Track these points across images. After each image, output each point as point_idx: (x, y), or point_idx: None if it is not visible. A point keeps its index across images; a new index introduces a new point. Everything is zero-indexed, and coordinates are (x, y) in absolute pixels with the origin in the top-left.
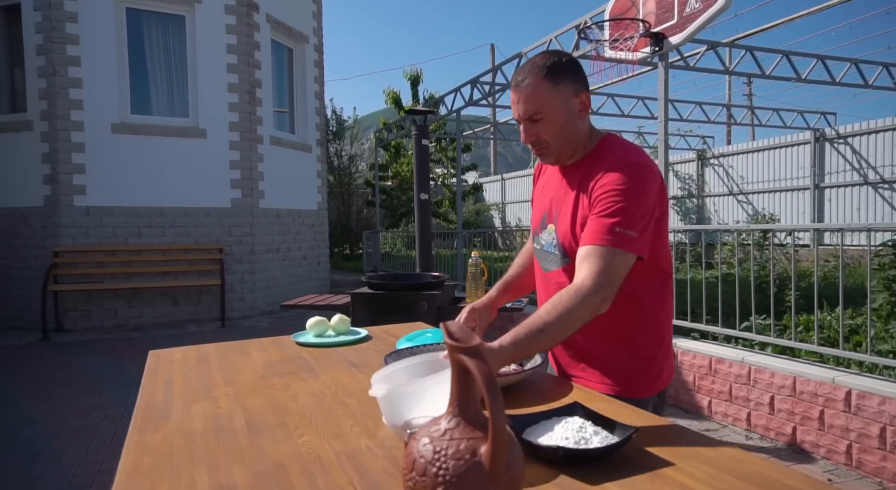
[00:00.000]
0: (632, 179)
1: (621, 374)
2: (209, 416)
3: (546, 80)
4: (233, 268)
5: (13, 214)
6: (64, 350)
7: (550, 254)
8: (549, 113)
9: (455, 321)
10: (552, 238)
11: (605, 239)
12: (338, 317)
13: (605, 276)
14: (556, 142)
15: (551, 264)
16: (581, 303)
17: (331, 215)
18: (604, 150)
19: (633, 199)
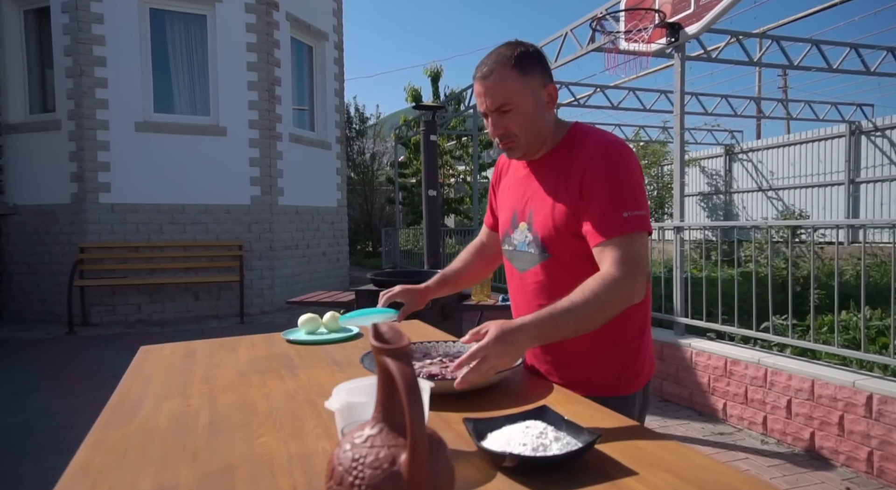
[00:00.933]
0: (620, 160)
1: (607, 372)
2: (176, 414)
3: (515, 70)
4: (252, 264)
5: (43, 211)
6: (87, 344)
7: (525, 253)
8: (519, 104)
9: (387, 322)
10: (525, 236)
11: (619, 228)
12: (329, 314)
13: (631, 264)
14: (526, 135)
15: (527, 264)
16: (609, 288)
17: (353, 212)
18: (577, 139)
19: (629, 179)
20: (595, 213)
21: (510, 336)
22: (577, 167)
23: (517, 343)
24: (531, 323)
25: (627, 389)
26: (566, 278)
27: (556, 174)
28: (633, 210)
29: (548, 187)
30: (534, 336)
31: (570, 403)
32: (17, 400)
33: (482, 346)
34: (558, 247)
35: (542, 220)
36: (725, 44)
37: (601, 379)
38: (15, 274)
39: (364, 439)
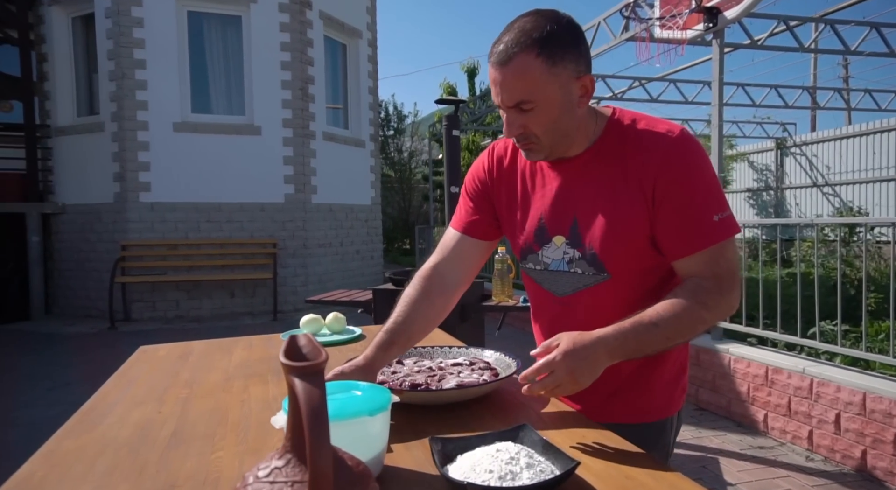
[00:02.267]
0: (697, 155)
1: (657, 393)
2: (142, 423)
3: (540, 59)
4: (286, 262)
5: (88, 210)
6: (126, 339)
7: (565, 273)
8: (542, 101)
9: (306, 335)
10: (565, 254)
11: (711, 237)
12: (332, 315)
13: (729, 275)
14: (550, 136)
15: (569, 286)
16: (706, 305)
17: (391, 210)
18: (629, 132)
19: (710, 177)
20: (680, 222)
21: (584, 351)
22: (643, 168)
23: (592, 359)
24: (612, 335)
25: (671, 410)
26: (630, 300)
27: (610, 177)
28: (722, 212)
29: (600, 193)
30: (613, 350)
31: (561, 419)
32: (54, 393)
33: (549, 361)
34: (621, 264)
35: (598, 233)
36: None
37: (650, 401)
38: (64, 271)
39: (268, 473)
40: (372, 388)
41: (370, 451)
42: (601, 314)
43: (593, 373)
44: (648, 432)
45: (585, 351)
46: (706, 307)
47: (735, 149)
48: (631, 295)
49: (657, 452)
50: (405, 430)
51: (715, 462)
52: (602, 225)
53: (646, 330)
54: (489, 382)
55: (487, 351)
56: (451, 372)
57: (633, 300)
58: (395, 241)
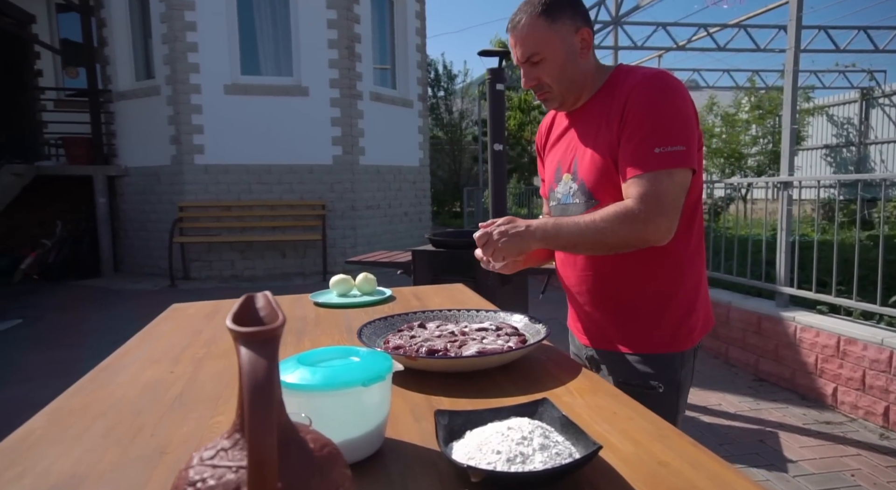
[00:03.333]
0: (662, 90)
1: (663, 327)
2: (152, 382)
3: (542, 18)
4: (334, 223)
5: (149, 173)
6: (183, 296)
7: (570, 204)
8: (548, 53)
9: (264, 294)
10: (569, 187)
11: (647, 164)
12: (362, 276)
13: (652, 203)
14: (559, 84)
15: (574, 213)
16: (621, 220)
17: (441, 173)
18: (621, 77)
19: (667, 111)
20: (628, 148)
21: (513, 232)
22: (618, 103)
23: (518, 232)
24: (537, 223)
25: (681, 345)
26: None
27: (598, 116)
28: (667, 145)
29: (590, 132)
30: (533, 232)
31: (592, 393)
32: (117, 346)
33: (489, 229)
34: (605, 190)
35: (586, 165)
36: None
37: (657, 334)
38: (129, 231)
39: (213, 454)
40: (372, 355)
41: (365, 425)
42: None
43: (518, 246)
44: (652, 363)
45: (515, 226)
46: (619, 221)
47: (812, 101)
48: None
49: (663, 385)
50: (418, 399)
51: (774, 436)
52: (589, 157)
53: (564, 224)
54: (513, 350)
55: (517, 315)
56: (475, 337)
57: None
58: (445, 203)
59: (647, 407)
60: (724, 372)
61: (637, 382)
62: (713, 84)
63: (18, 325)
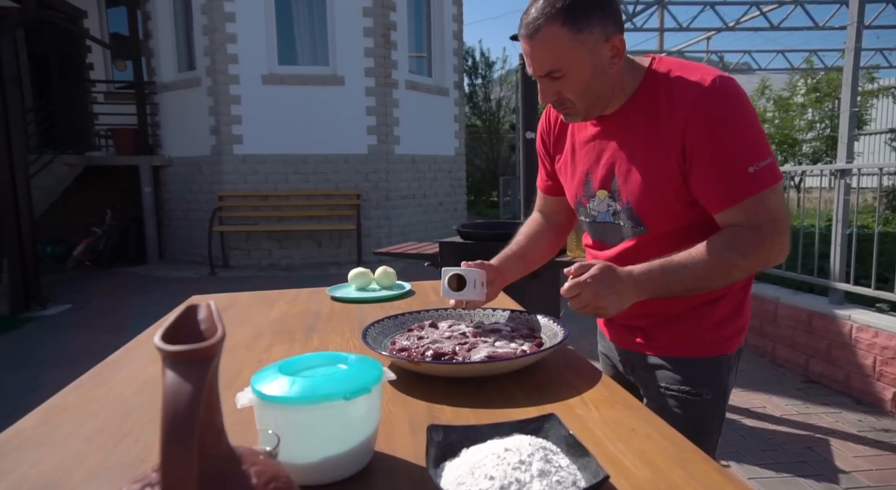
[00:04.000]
0: (728, 102)
1: (707, 329)
2: (151, 381)
3: (565, 28)
4: (369, 213)
5: (190, 163)
6: (221, 284)
7: (610, 225)
8: (572, 68)
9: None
10: (609, 206)
11: (747, 189)
12: (381, 269)
13: (769, 226)
14: (583, 100)
15: (616, 236)
16: (741, 252)
17: (478, 162)
18: (662, 83)
19: (744, 124)
20: (712, 176)
21: (612, 279)
22: (672, 122)
23: (618, 288)
24: (640, 270)
25: (729, 347)
26: (666, 254)
27: (644, 130)
28: (759, 161)
29: (635, 147)
30: (639, 284)
31: (609, 405)
32: None
33: (579, 282)
34: (657, 218)
35: (635, 188)
36: None
37: (705, 335)
38: (172, 219)
39: (141, 487)
40: (361, 363)
41: (348, 441)
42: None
43: (618, 303)
44: (699, 368)
45: (613, 280)
46: (741, 254)
47: (877, 82)
48: (673, 247)
49: (711, 391)
50: (418, 408)
51: (824, 444)
52: (637, 180)
53: (673, 270)
54: (524, 356)
55: (535, 315)
56: (487, 339)
57: (676, 251)
58: (482, 193)
59: (690, 415)
60: (770, 372)
61: (680, 388)
62: (766, 66)
63: (67, 310)
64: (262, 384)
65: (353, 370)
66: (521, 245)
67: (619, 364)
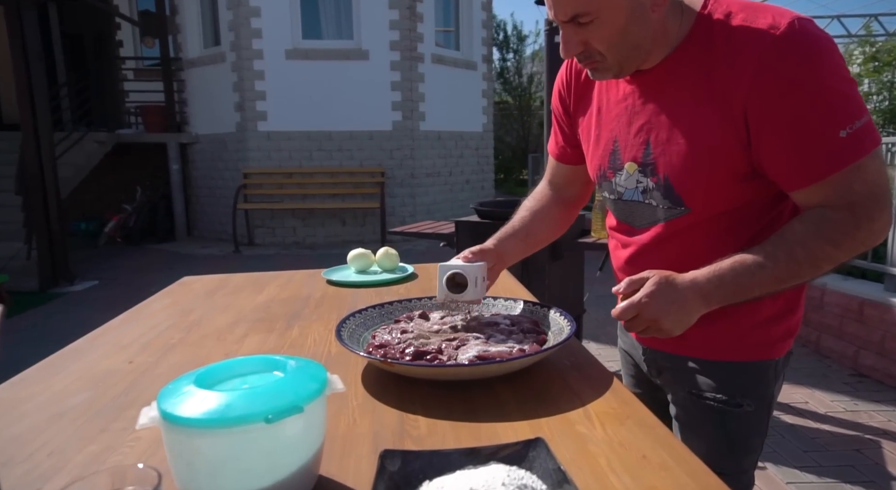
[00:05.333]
0: (812, 49)
1: (755, 328)
2: (102, 375)
3: None
4: (394, 191)
5: (216, 140)
6: (245, 262)
7: (639, 204)
8: (604, 12)
9: None
10: (639, 182)
11: (838, 158)
12: (383, 251)
13: (868, 201)
14: (616, 52)
15: (647, 218)
16: (838, 239)
17: (509, 139)
18: (719, 30)
19: (830, 79)
20: (790, 146)
21: (673, 294)
22: (733, 76)
23: (682, 304)
24: (706, 277)
25: (777, 350)
26: (718, 238)
27: (692, 89)
28: (853, 122)
29: (679, 110)
30: (708, 294)
31: (619, 422)
32: None
33: (634, 304)
34: (702, 197)
35: (675, 159)
36: None
37: (743, 337)
38: (200, 197)
39: None
40: (301, 371)
41: (275, 471)
42: (683, 253)
43: (684, 320)
44: (740, 374)
45: (675, 294)
46: (834, 243)
47: None
48: (719, 232)
49: (753, 402)
50: (389, 419)
51: (875, 446)
52: (679, 150)
53: (749, 272)
54: (519, 357)
55: (539, 306)
56: (479, 335)
57: (722, 238)
58: (512, 171)
59: (727, 428)
60: (813, 364)
61: (716, 397)
62: None
63: (94, 286)
64: (169, 400)
65: (288, 382)
66: (526, 222)
67: (642, 364)
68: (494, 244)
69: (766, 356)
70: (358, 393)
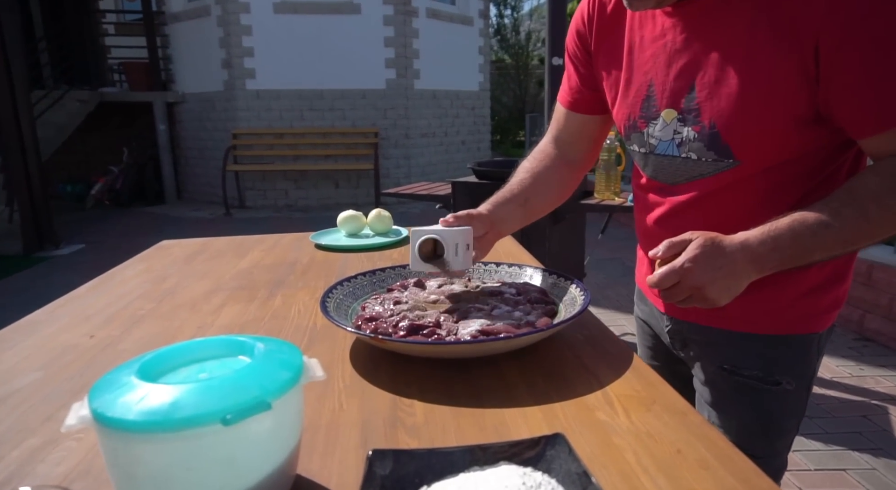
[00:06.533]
0: None
1: (799, 298)
2: (58, 352)
3: None
4: (388, 152)
5: (203, 99)
6: (236, 225)
7: (675, 159)
8: None
9: None
10: (677, 132)
11: None
12: (375, 212)
13: None
14: None
15: (684, 173)
16: None
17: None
18: None
19: None
20: (868, 85)
21: (721, 258)
22: (801, 10)
23: (731, 269)
24: (760, 239)
25: (822, 323)
26: (765, 196)
27: (750, 20)
28: None
29: (732, 46)
30: (761, 258)
31: (645, 408)
32: None
33: (674, 269)
34: (755, 147)
35: (727, 102)
36: None
37: (786, 308)
38: (189, 158)
39: None
40: (272, 355)
41: (239, 478)
42: (725, 213)
43: (732, 288)
44: (781, 348)
45: (723, 258)
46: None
47: None
48: (768, 189)
49: (793, 380)
50: (380, 404)
51: (882, 412)
52: (731, 92)
53: (811, 232)
54: (527, 333)
55: (548, 274)
56: (483, 306)
57: (770, 196)
58: (509, 132)
59: (762, 408)
60: None
61: (751, 374)
62: None
63: (80, 250)
64: (103, 396)
65: (253, 370)
66: (525, 186)
67: (664, 335)
68: (488, 210)
69: (809, 329)
70: (345, 372)
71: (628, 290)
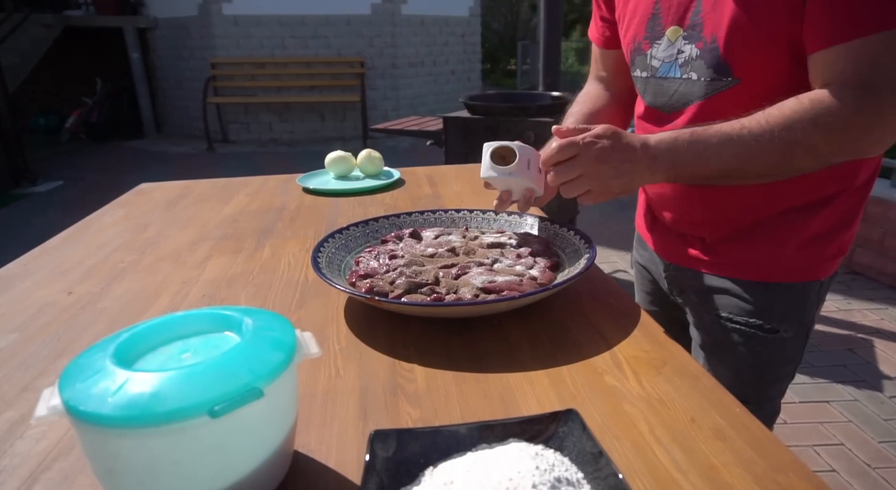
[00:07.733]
0: None
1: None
2: (34, 311)
3: None
4: (375, 83)
5: (178, 25)
6: (219, 161)
7: (675, 81)
8: None
9: None
10: (678, 52)
11: (869, 22)
12: (365, 153)
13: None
14: None
15: (680, 99)
16: (817, 114)
17: (496, 25)
18: None
19: None
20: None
21: (620, 145)
22: None
23: (628, 158)
24: (659, 139)
25: (824, 270)
26: None
27: None
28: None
29: None
30: (655, 156)
31: (656, 370)
32: None
33: (573, 142)
34: (755, 65)
35: (726, 19)
36: None
37: (787, 257)
38: (166, 89)
39: None
40: (262, 331)
41: (230, 471)
42: None
43: (625, 177)
44: (779, 296)
45: (622, 143)
46: (816, 124)
47: None
48: None
49: (791, 328)
50: (379, 369)
51: (867, 345)
52: (732, 7)
53: (709, 142)
54: (534, 292)
55: (549, 222)
56: (485, 260)
57: None
58: (499, 61)
59: (758, 356)
60: None
61: (748, 321)
62: None
63: (59, 187)
64: (75, 385)
65: (242, 351)
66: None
67: (662, 281)
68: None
69: (811, 277)
70: (340, 333)
71: (621, 227)
